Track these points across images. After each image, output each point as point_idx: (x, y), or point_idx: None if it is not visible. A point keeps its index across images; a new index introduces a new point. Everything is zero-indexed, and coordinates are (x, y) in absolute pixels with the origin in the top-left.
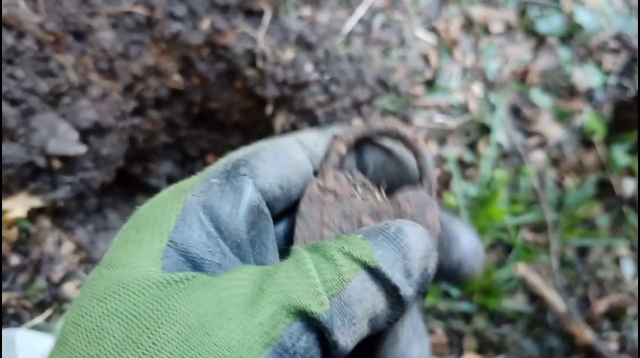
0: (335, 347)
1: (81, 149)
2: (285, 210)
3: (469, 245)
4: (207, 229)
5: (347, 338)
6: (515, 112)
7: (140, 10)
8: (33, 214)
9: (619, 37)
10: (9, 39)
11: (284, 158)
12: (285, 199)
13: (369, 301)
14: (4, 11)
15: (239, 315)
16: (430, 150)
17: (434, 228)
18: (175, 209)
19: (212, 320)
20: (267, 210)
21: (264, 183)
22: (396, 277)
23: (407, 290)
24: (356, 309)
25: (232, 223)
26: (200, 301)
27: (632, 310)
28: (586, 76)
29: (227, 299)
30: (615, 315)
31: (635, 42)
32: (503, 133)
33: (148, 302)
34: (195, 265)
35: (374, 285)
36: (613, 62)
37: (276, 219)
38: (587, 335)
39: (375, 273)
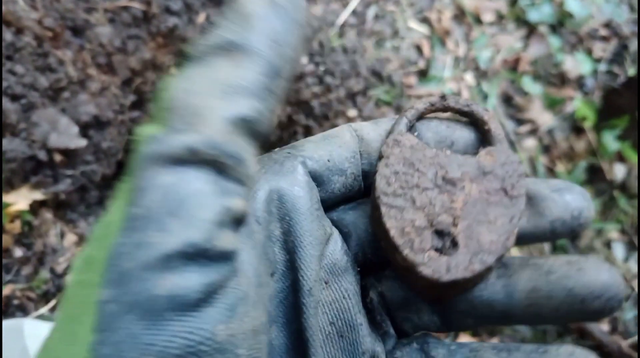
0: None
1: (82, 143)
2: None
3: (571, 203)
4: None
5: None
6: (507, 100)
7: (137, 5)
8: (35, 207)
9: (608, 24)
10: (8, 35)
11: (332, 139)
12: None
13: None
14: (2, 8)
15: None
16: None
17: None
18: None
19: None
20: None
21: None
22: None
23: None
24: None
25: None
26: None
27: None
28: (576, 64)
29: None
30: None
31: (624, 30)
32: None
33: None
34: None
35: None
36: (603, 49)
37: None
38: None
39: None
